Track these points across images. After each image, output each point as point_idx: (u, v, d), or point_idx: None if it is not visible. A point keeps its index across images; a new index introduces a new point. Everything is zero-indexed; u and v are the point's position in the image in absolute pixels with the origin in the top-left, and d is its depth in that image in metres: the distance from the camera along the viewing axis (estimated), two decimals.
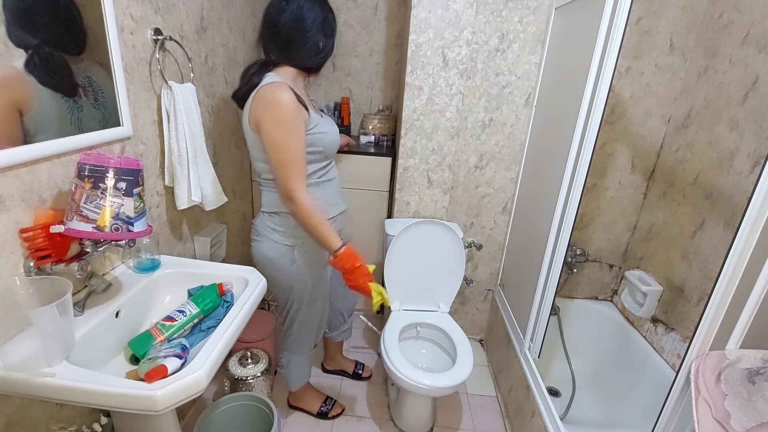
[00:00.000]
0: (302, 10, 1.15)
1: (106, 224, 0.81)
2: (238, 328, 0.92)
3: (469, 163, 1.84)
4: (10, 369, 0.71)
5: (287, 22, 1.15)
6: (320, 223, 1.17)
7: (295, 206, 1.15)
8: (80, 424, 0.97)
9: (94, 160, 0.81)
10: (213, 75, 1.51)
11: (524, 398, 1.52)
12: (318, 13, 1.17)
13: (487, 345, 2.14)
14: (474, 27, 1.60)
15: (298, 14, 1.15)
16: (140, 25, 1.08)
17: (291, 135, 1.11)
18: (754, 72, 1.30)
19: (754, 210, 0.73)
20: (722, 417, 0.75)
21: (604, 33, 1.13)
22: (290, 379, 1.57)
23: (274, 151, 1.12)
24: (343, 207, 1.39)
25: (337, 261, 1.18)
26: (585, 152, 1.20)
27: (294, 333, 1.46)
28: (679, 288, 1.56)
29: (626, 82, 1.66)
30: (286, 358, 1.53)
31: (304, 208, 1.14)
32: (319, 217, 1.16)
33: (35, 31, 0.79)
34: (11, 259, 0.79)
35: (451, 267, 1.73)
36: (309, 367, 1.59)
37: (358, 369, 1.89)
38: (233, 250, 1.82)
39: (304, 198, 1.14)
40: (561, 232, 1.32)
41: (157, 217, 1.25)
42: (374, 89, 2.24)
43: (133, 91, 1.07)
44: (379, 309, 2.28)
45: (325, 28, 1.20)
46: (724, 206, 1.39)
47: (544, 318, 1.43)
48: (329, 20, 1.21)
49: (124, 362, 0.93)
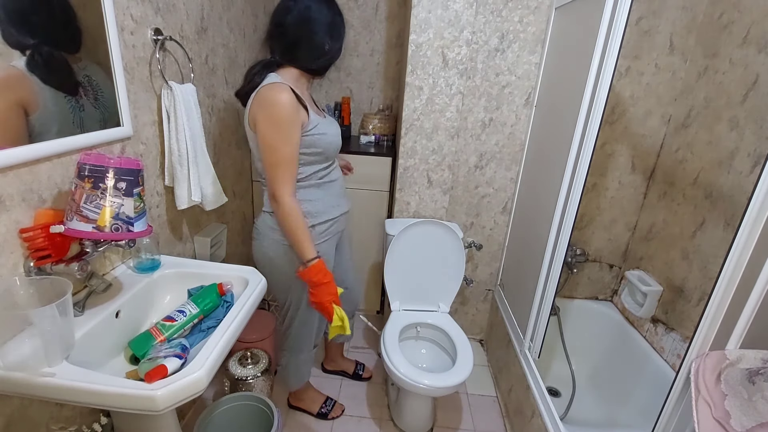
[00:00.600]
0: (309, 11, 1.14)
1: (106, 224, 0.81)
2: (238, 328, 0.92)
3: (469, 163, 1.84)
4: (10, 369, 0.71)
5: (294, 23, 1.15)
6: (298, 229, 1.16)
7: (278, 207, 1.15)
8: (80, 424, 0.97)
9: (94, 160, 0.81)
10: (213, 75, 1.51)
11: (524, 398, 1.52)
12: (325, 15, 1.17)
13: (487, 345, 2.14)
14: (474, 27, 1.60)
15: (305, 15, 1.14)
16: (140, 25, 1.08)
17: (285, 137, 1.11)
18: (754, 72, 1.30)
19: (754, 210, 0.73)
20: (722, 417, 0.75)
21: (605, 33, 1.13)
22: (289, 379, 1.57)
23: (266, 152, 1.12)
24: (345, 208, 1.38)
25: (307, 271, 1.18)
26: (585, 152, 1.20)
27: (293, 333, 1.46)
28: (679, 288, 1.56)
29: (626, 82, 1.66)
30: (285, 358, 1.53)
31: (286, 211, 1.15)
32: (298, 223, 1.16)
33: (32, 31, 0.79)
34: (11, 259, 0.79)
35: (451, 267, 1.73)
36: (308, 367, 1.59)
37: (359, 369, 1.89)
38: (233, 250, 1.82)
39: (288, 201, 1.14)
40: (561, 232, 1.32)
41: (157, 217, 1.25)
42: (374, 89, 2.24)
43: (134, 91, 1.07)
44: (379, 309, 2.28)
45: (332, 30, 1.19)
46: (724, 206, 1.39)
47: (544, 318, 1.43)
48: (337, 23, 1.20)
49: (124, 362, 0.93)
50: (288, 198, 1.15)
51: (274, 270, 1.29)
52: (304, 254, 1.18)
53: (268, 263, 1.30)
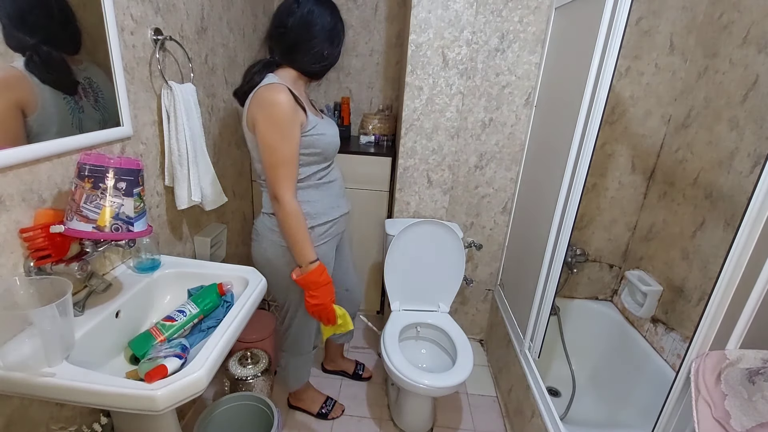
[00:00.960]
0: (312, 15, 1.14)
1: (106, 224, 0.81)
2: (238, 328, 0.92)
3: (469, 163, 1.84)
4: (11, 369, 0.71)
5: (295, 25, 1.15)
6: (300, 231, 1.16)
7: (279, 208, 1.15)
8: (80, 424, 0.97)
9: (94, 160, 0.81)
10: (213, 75, 1.51)
11: (524, 398, 1.52)
12: (327, 21, 1.17)
13: (487, 345, 2.14)
14: (474, 27, 1.60)
15: (307, 19, 1.14)
16: (140, 25, 1.08)
17: (284, 137, 1.11)
18: (754, 72, 1.30)
19: (754, 210, 0.73)
20: (722, 417, 0.75)
21: (605, 33, 1.13)
22: (288, 380, 1.57)
23: (266, 152, 1.12)
24: (345, 209, 1.38)
25: (310, 273, 1.18)
26: (585, 152, 1.20)
27: (292, 334, 1.46)
28: (679, 288, 1.56)
29: (626, 82, 1.66)
30: (285, 359, 1.53)
31: (287, 212, 1.14)
32: (300, 224, 1.16)
33: (31, 31, 0.79)
34: (11, 259, 0.79)
35: (451, 267, 1.73)
36: (308, 368, 1.59)
37: (359, 369, 1.89)
38: (233, 250, 1.82)
39: (289, 201, 1.14)
40: (561, 232, 1.32)
41: (157, 217, 1.25)
42: (374, 89, 2.24)
43: (133, 91, 1.07)
44: (379, 309, 2.28)
45: (333, 36, 1.19)
46: (724, 206, 1.39)
47: (544, 318, 1.43)
48: (338, 29, 1.21)
49: (124, 362, 0.93)
50: (290, 198, 1.14)
51: (273, 271, 1.29)
52: (306, 256, 1.18)
53: (267, 264, 1.29)
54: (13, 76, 0.76)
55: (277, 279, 1.31)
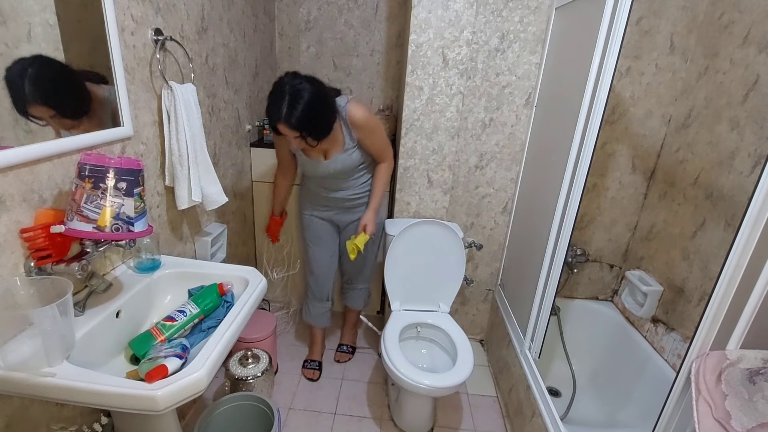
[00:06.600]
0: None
1: (106, 224, 0.81)
2: (239, 328, 0.92)
3: (470, 163, 1.84)
4: (11, 369, 0.71)
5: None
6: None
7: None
8: (80, 424, 0.97)
9: (94, 160, 0.81)
10: (214, 75, 1.51)
11: (524, 398, 1.52)
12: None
13: (487, 345, 2.14)
14: (474, 27, 1.60)
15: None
16: (141, 26, 1.08)
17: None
18: (754, 72, 1.30)
19: (754, 210, 0.73)
20: (723, 417, 0.75)
21: (605, 33, 1.13)
22: (303, 312, 1.93)
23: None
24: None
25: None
26: (585, 152, 1.20)
27: (305, 279, 1.87)
28: (679, 288, 1.56)
29: (627, 82, 1.66)
30: (304, 298, 1.91)
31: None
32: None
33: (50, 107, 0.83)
34: (12, 259, 0.79)
35: (452, 267, 1.73)
36: (318, 311, 1.87)
37: (344, 347, 2.04)
38: (234, 250, 1.82)
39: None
40: (561, 232, 1.32)
41: (158, 217, 1.25)
42: (374, 89, 2.24)
43: (134, 91, 1.07)
44: (379, 309, 2.28)
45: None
46: (724, 206, 1.39)
47: (544, 318, 1.43)
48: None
49: (125, 362, 0.93)
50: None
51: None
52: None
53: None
54: None
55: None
